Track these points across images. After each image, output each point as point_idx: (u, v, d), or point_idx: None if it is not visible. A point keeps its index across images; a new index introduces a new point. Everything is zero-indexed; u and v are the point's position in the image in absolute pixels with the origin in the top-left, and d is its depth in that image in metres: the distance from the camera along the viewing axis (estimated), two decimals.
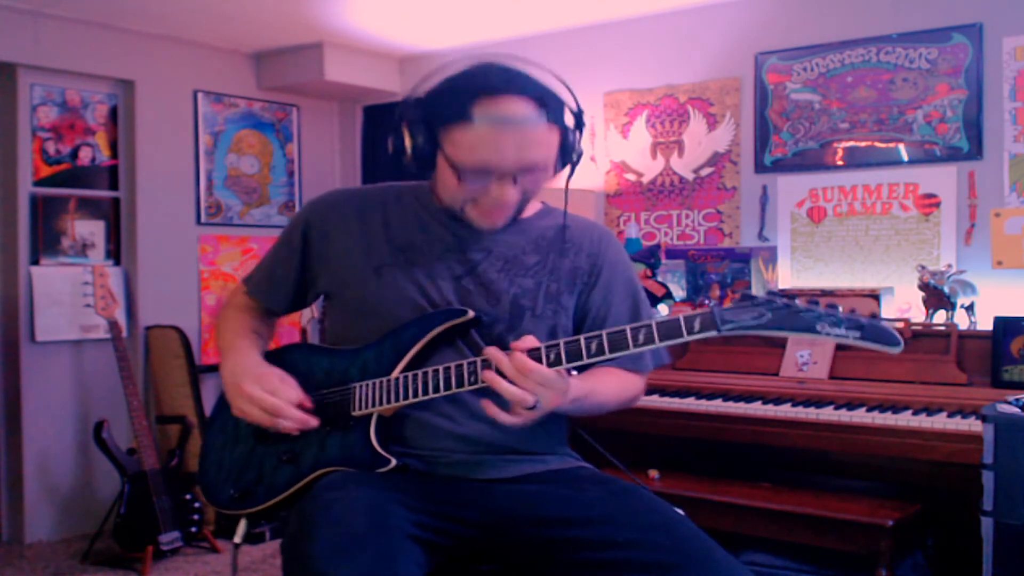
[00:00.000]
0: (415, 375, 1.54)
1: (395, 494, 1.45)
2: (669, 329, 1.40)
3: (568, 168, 1.62)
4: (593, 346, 1.43)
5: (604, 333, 1.43)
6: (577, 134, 1.60)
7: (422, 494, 1.49)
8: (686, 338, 1.39)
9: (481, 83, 1.52)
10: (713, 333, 1.38)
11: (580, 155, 1.62)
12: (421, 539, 1.40)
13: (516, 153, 1.51)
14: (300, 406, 1.60)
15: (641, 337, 1.41)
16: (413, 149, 1.57)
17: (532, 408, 1.44)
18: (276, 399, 1.57)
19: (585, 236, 1.74)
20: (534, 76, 1.55)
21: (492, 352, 1.46)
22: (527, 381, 1.42)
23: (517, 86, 1.52)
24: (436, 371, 1.53)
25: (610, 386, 1.67)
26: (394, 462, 1.54)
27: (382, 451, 1.55)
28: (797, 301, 1.37)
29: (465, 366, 1.50)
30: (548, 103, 1.54)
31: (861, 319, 1.34)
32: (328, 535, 1.35)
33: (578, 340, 1.44)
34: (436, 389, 1.52)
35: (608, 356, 1.43)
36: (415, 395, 1.54)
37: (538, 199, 1.74)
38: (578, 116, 1.60)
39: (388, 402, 1.56)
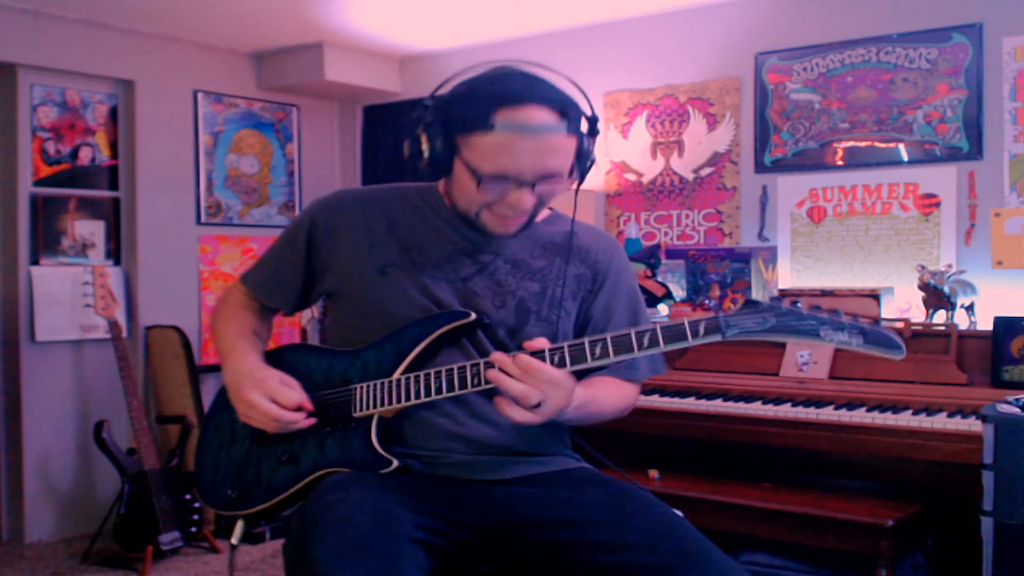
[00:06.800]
0: (417, 376, 1.54)
1: (397, 495, 1.45)
2: (674, 333, 1.41)
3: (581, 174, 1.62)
4: (598, 349, 1.43)
5: (608, 336, 1.43)
6: (592, 140, 1.60)
7: (422, 495, 1.49)
8: (690, 342, 1.40)
9: (502, 90, 1.51)
10: (717, 337, 1.39)
11: (593, 161, 1.62)
12: (423, 541, 1.41)
13: (535, 161, 1.51)
14: (301, 408, 1.60)
15: (646, 340, 1.41)
16: (431, 153, 1.56)
17: (538, 406, 1.44)
18: (276, 407, 1.57)
19: (593, 244, 1.75)
20: (555, 84, 1.55)
21: (497, 356, 1.46)
22: (533, 379, 1.42)
23: (539, 95, 1.51)
24: (439, 372, 1.53)
25: (610, 394, 1.67)
26: (396, 463, 1.54)
27: (383, 452, 1.55)
28: (799, 305, 1.37)
29: (468, 368, 1.50)
30: (568, 112, 1.53)
31: (864, 325, 1.34)
32: (332, 538, 1.35)
33: (582, 343, 1.44)
34: (439, 391, 1.52)
35: (612, 359, 1.43)
36: (417, 396, 1.54)
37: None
38: (592, 122, 1.60)
39: (390, 403, 1.56)
